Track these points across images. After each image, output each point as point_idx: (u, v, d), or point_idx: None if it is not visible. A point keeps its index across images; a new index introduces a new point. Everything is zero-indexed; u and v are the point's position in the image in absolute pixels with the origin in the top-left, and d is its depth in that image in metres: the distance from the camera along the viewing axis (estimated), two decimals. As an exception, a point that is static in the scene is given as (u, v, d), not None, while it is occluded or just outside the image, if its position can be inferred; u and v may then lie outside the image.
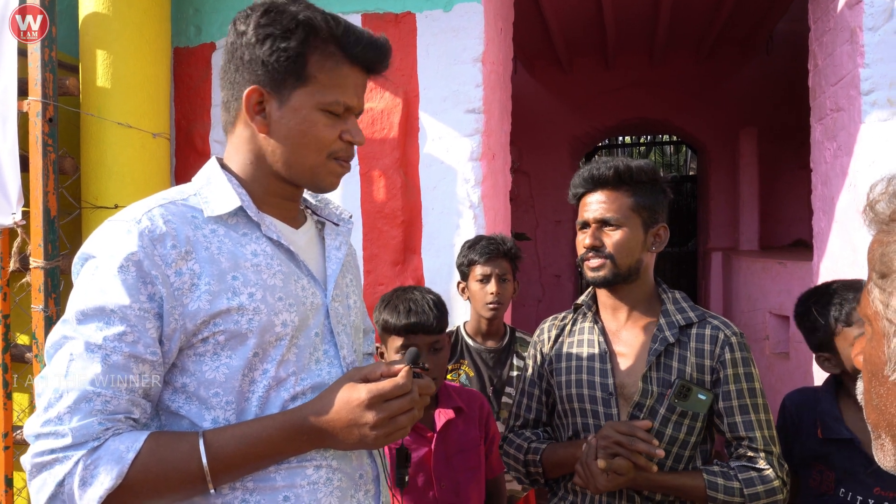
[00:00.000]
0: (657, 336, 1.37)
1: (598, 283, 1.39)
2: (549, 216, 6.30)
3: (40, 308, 2.10)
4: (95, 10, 2.27)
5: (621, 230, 1.37)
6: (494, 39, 2.52)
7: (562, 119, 6.08)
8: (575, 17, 4.62)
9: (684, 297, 1.45)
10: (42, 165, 2.07)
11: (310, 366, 0.99)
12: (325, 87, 0.96)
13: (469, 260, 2.02)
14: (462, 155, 2.39)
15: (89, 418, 0.83)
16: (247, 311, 0.92)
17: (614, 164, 1.39)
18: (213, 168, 1.02)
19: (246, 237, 0.97)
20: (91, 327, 0.85)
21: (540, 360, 1.53)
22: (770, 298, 4.03)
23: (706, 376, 1.34)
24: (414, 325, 1.46)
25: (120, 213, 0.94)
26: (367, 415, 0.90)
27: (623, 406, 1.37)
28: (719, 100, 5.76)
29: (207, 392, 0.92)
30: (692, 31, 5.05)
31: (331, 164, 1.01)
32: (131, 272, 0.86)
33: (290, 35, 0.94)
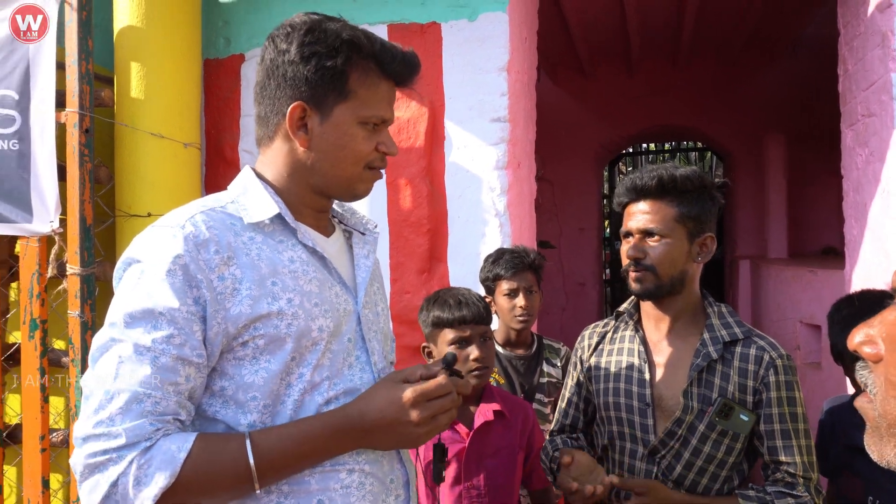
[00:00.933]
0: (700, 351, 1.34)
1: (640, 294, 1.37)
2: (573, 224, 6.27)
3: (76, 314, 2.15)
4: (130, 23, 2.34)
5: (664, 241, 1.34)
6: (519, 48, 2.53)
7: (585, 126, 6.06)
8: (598, 24, 4.62)
9: (731, 311, 1.41)
10: (79, 175, 2.13)
11: (343, 371, 1.01)
12: (364, 102, 1.00)
13: (494, 275, 2.02)
14: (488, 164, 2.39)
15: (141, 419, 0.85)
16: (286, 316, 0.94)
17: (658, 173, 1.36)
18: (249, 177, 1.05)
19: (282, 244, 0.99)
20: (139, 330, 0.87)
21: (580, 367, 1.54)
22: (801, 307, 3.96)
23: (748, 397, 1.30)
24: (466, 317, 1.52)
25: (162, 219, 0.97)
26: (412, 413, 0.93)
27: (660, 418, 1.36)
28: (745, 105, 5.69)
29: (245, 396, 0.94)
30: (717, 36, 5.01)
31: (366, 174, 1.04)
32: (178, 276, 0.89)
33: (335, 53, 0.98)
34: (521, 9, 2.55)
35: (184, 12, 2.43)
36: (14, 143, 2.18)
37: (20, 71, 2.17)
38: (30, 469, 2.22)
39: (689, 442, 1.31)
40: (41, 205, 2.17)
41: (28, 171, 2.17)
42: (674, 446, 1.32)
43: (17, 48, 2.18)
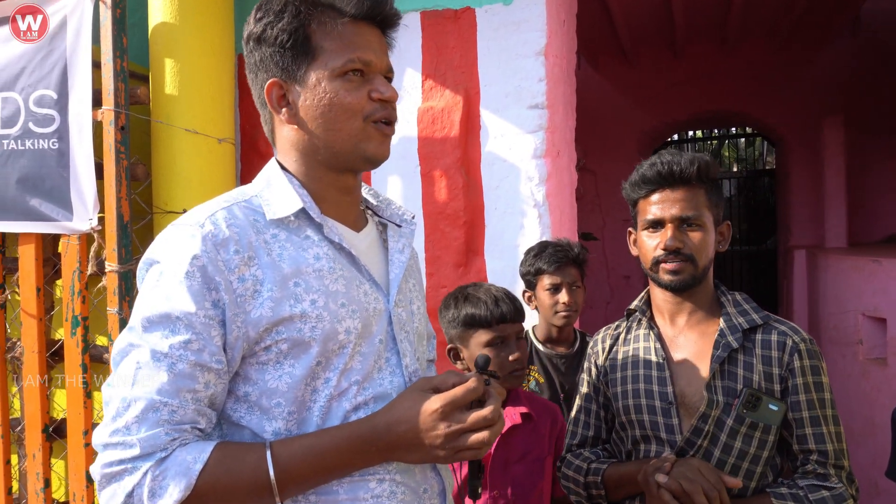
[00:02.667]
0: (719, 341, 1.28)
1: (677, 287, 1.30)
2: (617, 215, 6.10)
3: (115, 311, 2.17)
4: (164, 20, 2.34)
5: (700, 230, 1.29)
6: (557, 32, 2.42)
7: (628, 114, 5.87)
8: (641, 7, 4.44)
9: (745, 298, 1.36)
10: (115, 172, 2.14)
11: (373, 374, 0.96)
12: (335, 53, 0.92)
13: (536, 269, 1.94)
14: (525, 152, 2.30)
15: (156, 428, 0.82)
16: (309, 319, 0.89)
17: (692, 158, 1.30)
18: (273, 169, 0.99)
19: (308, 241, 0.94)
20: (157, 335, 0.84)
21: (595, 373, 1.46)
22: (863, 299, 3.72)
23: (775, 385, 1.24)
24: (505, 315, 1.43)
25: (183, 216, 0.93)
26: (440, 426, 0.86)
27: (685, 416, 1.29)
28: (799, 88, 5.41)
29: (269, 402, 0.90)
30: (768, 16, 4.76)
31: (370, 129, 0.95)
32: (196, 278, 0.85)
33: (282, 16, 0.91)
34: (558, -10, 2.44)
35: (217, 8, 2.42)
36: (54, 141, 2.21)
37: (58, 71, 2.19)
38: (74, 464, 2.26)
39: (718, 438, 1.23)
40: (80, 203, 2.19)
41: (67, 170, 2.20)
42: (702, 444, 1.24)
43: (55, 48, 2.20)
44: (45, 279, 2.37)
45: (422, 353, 1.11)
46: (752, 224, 8.42)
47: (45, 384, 2.32)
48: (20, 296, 2.34)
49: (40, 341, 2.31)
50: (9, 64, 2.24)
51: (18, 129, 2.23)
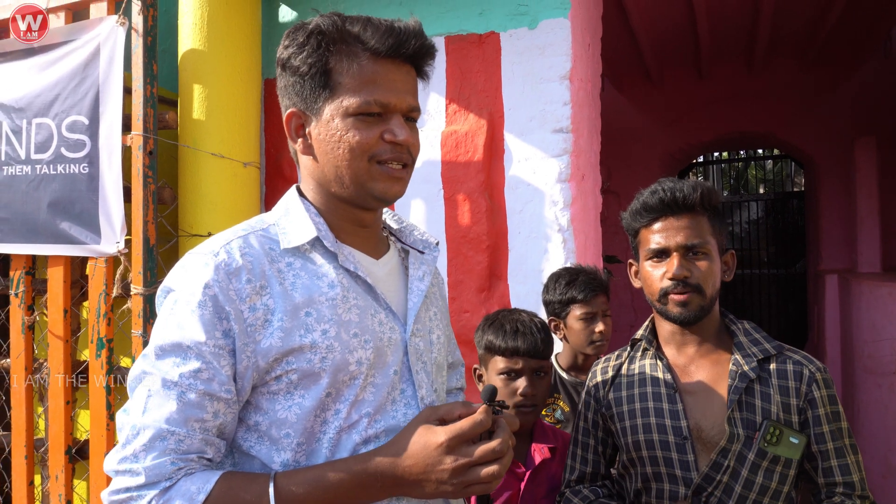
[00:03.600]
0: (735, 372, 1.23)
1: (685, 320, 1.25)
2: (641, 237, 6.02)
3: (139, 333, 2.18)
4: (193, 47, 2.38)
5: (706, 258, 1.25)
6: (582, 56, 2.41)
7: (653, 135, 5.82)
8: (665, 28, 4.42)
9: (755, 327, 1.32)
10: (142, 196, 2.17)
11: (386, 406, 0.94)
12: (352, 91, 0.91)
13: (569, 298, 1.88)
14: (550, 176, 2.28)
15: (163, 458, 0.83)
16: (319, 349, 0.89)
17: (695, 185, 1.27)
18: (291, 197, 1.00)
19: (323, 268, 0.93)
20: (168, 363, 0.85)
21: (595, 406, 1.39)
22: (899, 326, 3.60)
23: (794, 417, 1.20)
24: (519, 348, 1.39)
25: (201, 245, 0.93)
26: (447, 459, 0.84)
27: (701, 451, 1.23)
28: (830, 109, 5.31)
29: (279, 432, 0.89)
30: (795, 37, 4.70)
31: (374, 169, 0.93)
32: (208, 307, 0.85)
33: (302, 49, 0.91)
34: (583, 14, 2.44)
35: (244, 34, 2.46)
36: (84, 166, 2.25)
37: (90, 97, 2.24)
38: (96, 485, 2.26)
39: (739, 474, 1.18)
40: (108, 226, 2.22)
41: (96, 194, 2.23)
42: (721, 480, 1.19)
43: (89, 75, 2.25)
44: (73, 301, 2.40)
45: (440, 384, 1.08)
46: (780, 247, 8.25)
47: (69, 405, 2.34)
48: (48, 317, 2.37)
49: (66, 363, 2.33)
50: (44, 91, 2.30)
51: (51, 154, 2.28)
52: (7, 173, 2.35)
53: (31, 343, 2.46)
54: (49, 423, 2.37)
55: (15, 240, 2.36)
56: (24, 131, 2.32)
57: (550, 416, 1.89)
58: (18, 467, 2.41)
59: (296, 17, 2.69)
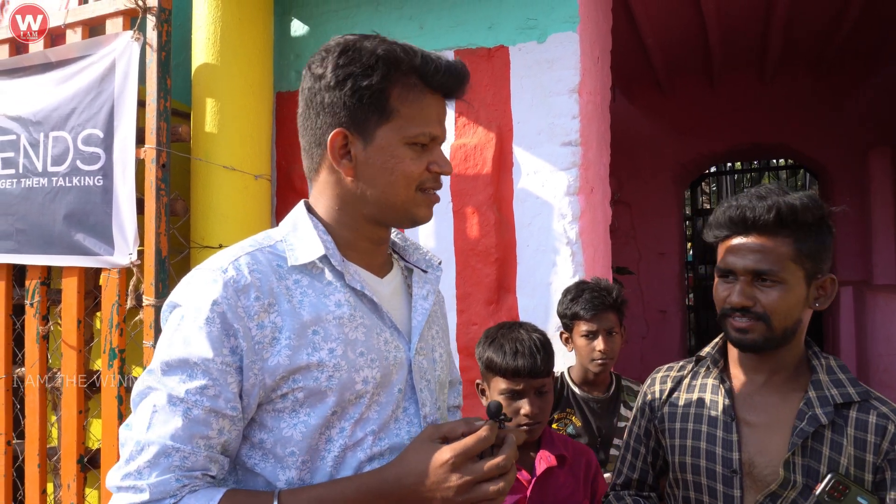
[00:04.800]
0: (805, 412, 1.12)
1: (745, 346, 1.16)
2: (653, 248, 5.99)
3: (150, 344, 2.21)
4: (206, 61, 2.42)
5: (779, 286, 1.11)
6: (591, 69, 2.42)
7: (664, 146, 5.80)
8: (676, 38, 4.41)
9: (842, 366, 1.18)
10: (155, 208, 2.20)
11: (389, 425, 0.95)
12: (409, 121, 0.93)
13: (573, 314, 1.88)
14: (558, 189, 2.29)
15: (167, 474, 0.83)
16: (326, 368, 0.89)
17: (773, 202, 1.13)
18: (300, 213, 0.99)
19: (330, 287, 0.93)
20: (174, 379, 0.85)
21: (649, 415, 1.34)
22: (915, 340, 3.55)
23: (866, 475, 1.08)
24: (520, 370, 1.38)
25: (208, 260, 0.93)
26: (452, 477, 0.84)
27: (749, 489, 1.15)
28: (843, 118, 5.27)
29: (283, 450, 0.89)
30: (809, 45, 4.68)
31: (419, 197, 0.97)
32: (216, 324, 0.85)
33: (371, 72, 0.91)
34: (592, 28, 2.45)
35: (256, 48, 2.49)
36: (99, 178, 2.28)
37: (105, 111, 2.28)
38: (107, 494, 2.28)
39: None
40: (121, 238, 2.26)
41: (110, 206, 2.27)
42: None
43: (104, 89, 2.29)
44: (86, 311, 2.43)
45: (443, 402, 1.09)
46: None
47: (82, 415, 2.37)
48: (62, 327, 2.40)
49: (79, 372, 2.36)
50: (61, 104, 2.34)
51: (67, 167, 2.32)
52: (24, 185, 2.39)
53: (46, 352, 2.49)
54: (62, 432, 2.40)
55: (31, 251, 2.40)
56: (41, 144, 2.37)
57: (562, 430, 1.89)
58: (31, 475, 2.44)
59: (308, 32, 2.72)
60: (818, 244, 1.14)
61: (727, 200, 1.19)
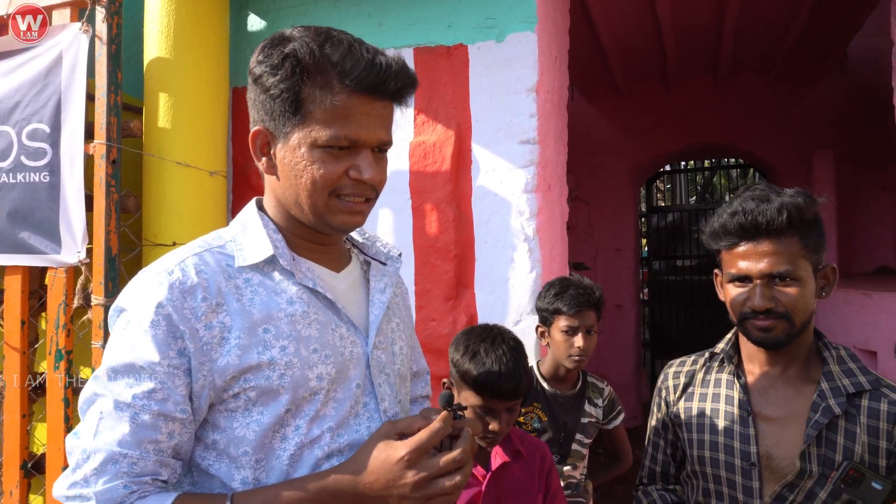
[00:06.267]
0: (818, 404, 1.15)
1: (769, 345, 1.18)
2: (609, 244, 6.11)
3: (100, 344, 2.14)
4: (159, 55, 2.36)
5: (795, 284, 1.14)
6: (549, 68, 2.46)
7: (622, 145, 5.92)
8: (633, 41, 4.51)
9: (852, 355, 1.21)
10: (105, 206, 2.13)
11: (349, 421, 0.93)
12: (322, 123, 0.87)
13: (555, 308, 1.88)
14: (516, 187, 2.31)
15: (115, 481, 0.81)
16: (278, 366, 0.87)
17: (781, 204, 1.14)
18: (250, 212, 0.98)
19: (281, 284, 0.92)
20: (121, 384, 0.83)
21: (665, 409, 1.37)
22: (854, 333, 3.72)
23: (880, 460, 1.11)
24: (502, 391, 1.33)
25: (155, 262, 0.92)
26: (408, 474, 0.83)
27: (768, 480, 1.18)
28: (791, 121, 5.48)
29: (237, 450, 0.88)
30: (759, 51, 4.84)
31: (334, 203, 0.91)
32: (161, 327, 0.83)
33: (276, 71, 0.87)
34: (550, 28, 2.48)
35: (212, 42, 2.44)
36: (45, 175, 2.20)
37: (52, 104, 2.20)
38: (52, 501, 2.20)
39: None
40: (69, 235, 2.18)
41: (57, 203, 2.19)
42: None
43: (50, 82, 2.21)
44: (31, 312, 2.35)
45: (404, 395, 1.08)
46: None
47: (25, 419, 2.28)
48: (4, 328, 2.31)
49: (23, 375, 2.28)
50: (4, 98, 2.25)
51: (10, 163, 2.23)
52: (-37, 181, 2.29)
53: (-12, 355, 2.39)
54: (4, 437, 2.31)
55: (-29, 249, 2.30)
56: (-19, 138, 2.27)
57: (528, 424, 1.90)
58: (-27, 483, 2.34)
59: (265, 27, 2.68)
60: (818, 237, 1.18)
61: (726, 207, 1.20)
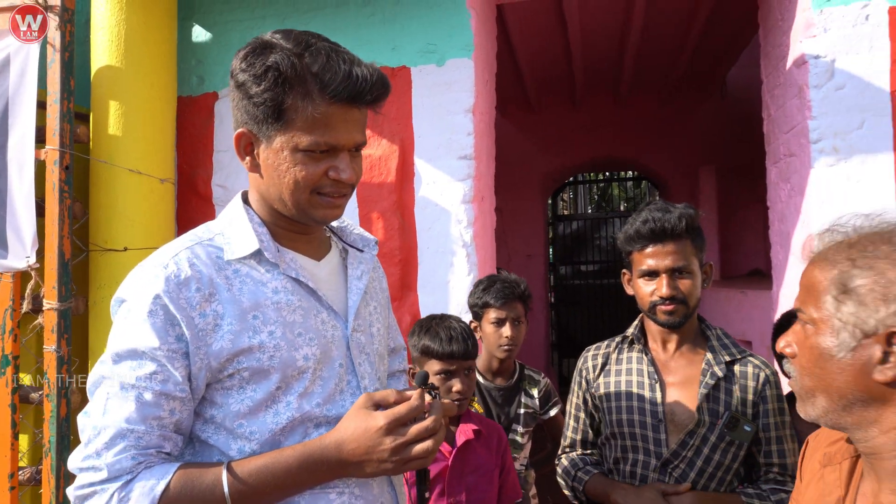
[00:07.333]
0: (706, 370, 1.50)
1: (673, 325, 1.50)
2: (521, 250, 6.52)
3: (53, 349, 2.16)
4: (108, 63, 2.40)
5: (690, 276, 1.48)
6: (483, 92, 2.73)
7: (532, 157, 6.35)
8: (545, 62, 4.91)
9: (725, 334, 1.58)
10: (58, 211, 2.16)
11: (335, 397, 1.03)
12: (303, 130, 0.95)
13: (484, 302, 2.03)
14: (455, 198, 2.56)
15: (124, 453, 0.90)
16: (267, 349, 0.97)
17: (679, 214, 1.48)
18: (236, 206, 1.06)
19: (267, 275, 1.01)
20: (125, 367, 0.92)
21: (586, 386, 1.67)
22: (733, 326, 4.28)
23: (748, 409, 1.48)
24: (454, 352, 1.60)
25: (151, 256, 1.00)
26: (386, 440, 0.93)
27: (672, 432, 1.50)
28: (680, 139, 6.12)
29: (233, 423, 0.97)
30: (655, 75, 5.40)
31: (315, 199, 1.00)
32: (159, 315, 0.92)
33: (260, 81, 0.93)
34: (484, 56, 2.76)
35: (161, 52, 2.51)
36: (-11, 179, 2.19)
37: (-4, 108, 2.20)
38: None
39: (702, 451, 1.46)
40: (17, 241, 2.19)
41: (4, 208, 2.19)
42: (686, 455, 1.47)
43: (-7, 86, 2.20)
44: (-30, 317, 2.30)
45: (383, 372, 1.18)
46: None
47: (-32, 426, 2.24)
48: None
49: (-35, 382, 2.24)
50: (-60, 99, 2.21)
51: (-49, 166, 2.19)
52: None
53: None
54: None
55: None
56: (-86, 140, 2.21)
57: None
58: None
59: (210, 39, 2.77)
60: (702, 240, 1.54)
61: (635, 217, 1.53)
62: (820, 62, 2.29)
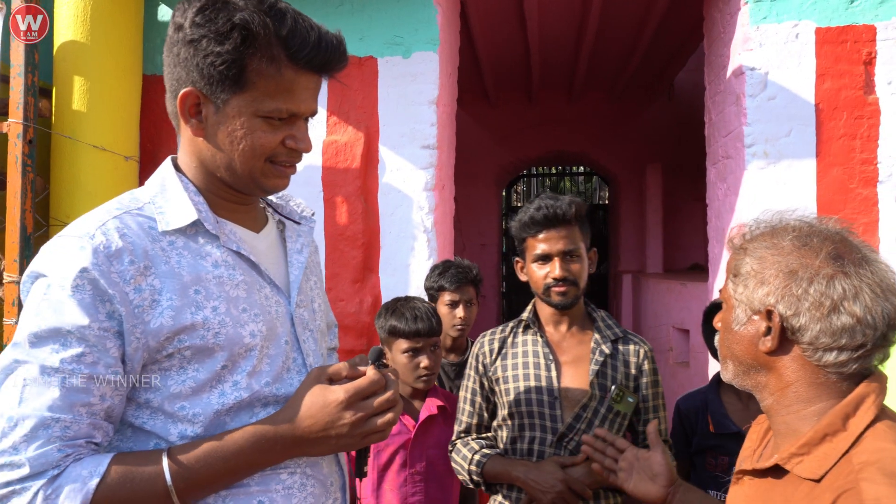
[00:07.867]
0: (595, 349, 1.61)
1: (565, 306, 1.59)
2: (475, 240, 6.68)
3: (13, 322, 2.17)
4: (73, 38, 2.39)
5: (579, 259, 1.58)
6: (446, 84, 2.84)
7: (488, 149, 6.50)
8: (504, 57, 5.05)
9: (608, 314, 1.70)
10: (20, 185, 2.16)
11: (282, 375, 0.96)
12: (265, 95, 0.89)
13: (439, 286, 2.19)
14: (417, 185, 2.67)
15: (48, 446, 0.79)
16: (212, 325, 0.88)
17: (569, 202, 1.57)
18: (167, 172, 0.96)
19: (205, 247, 0.92)
20: (46, 350, 0.81)
21: (482, 370, 1.68)
22: (673, 315, 4.56)
23: (630, 382, 1.61)
24: (420, 330, 1.70)
25: (70, 226, 0.88)
26: (346, 414, 0.89)
27: (566, 407, 1.57)
28: (629, 137, 6.38)
29: (172, 406, 0.88)
30: (606, 74, 5.62)
31: (268, 168, 0.94)
32: (87, 291, 0.81)
33: (224, 40, 0.85)
34: (448, 49, 2.87)
35: (127, 30, 2.52)
36: (-53, 150, 2.17)
37: (-44, 78, 2.17)
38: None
39: (593, 423, 1.55)
40: (-23, 213, 2.17)
41: (-36, 179, 2.17)
42: (580, 428, 1.54)
43: (-48, 55, 2.17)
44: (-77, 290, 2.28)
45: (325, 349, 1.14)
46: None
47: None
48: None
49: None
50: None
51: None
52: None
53: None
54: None
55: None
56: None
57: None
58: None
59: (176, 18, 2.78)
60: (588, 228, 1.64)
61: (528, 206, 1.61)
62: (755, 74, 2.50)
